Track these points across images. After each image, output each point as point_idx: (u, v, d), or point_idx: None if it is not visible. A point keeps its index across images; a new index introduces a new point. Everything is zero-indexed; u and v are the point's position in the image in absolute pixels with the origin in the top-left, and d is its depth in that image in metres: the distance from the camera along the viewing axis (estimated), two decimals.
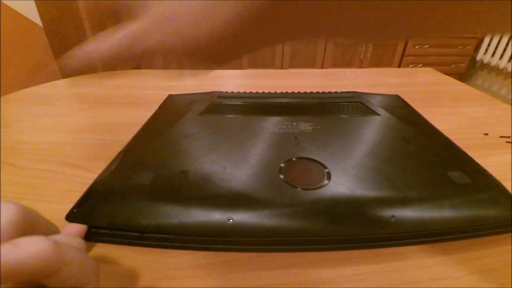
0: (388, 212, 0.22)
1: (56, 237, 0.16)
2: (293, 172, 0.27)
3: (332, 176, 0.26)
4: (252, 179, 0.26)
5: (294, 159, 0.28)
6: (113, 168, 0.28)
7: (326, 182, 0.25)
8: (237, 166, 0.27)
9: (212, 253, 0.22)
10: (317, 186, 0.25)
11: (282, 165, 0.27)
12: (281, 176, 0.26)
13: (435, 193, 0.24)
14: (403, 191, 0.24)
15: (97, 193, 0.25)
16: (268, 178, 0.26)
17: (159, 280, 0.20)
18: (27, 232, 0.14)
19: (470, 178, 0.26)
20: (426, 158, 0.30)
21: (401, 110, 0.42)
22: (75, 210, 0.23)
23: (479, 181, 0.26)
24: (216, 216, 0.22)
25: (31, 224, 0.14)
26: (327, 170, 0.27)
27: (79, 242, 0.17)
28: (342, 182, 0.25)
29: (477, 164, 0.29)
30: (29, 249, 0.11)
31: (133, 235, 0.22)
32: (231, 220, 0.21)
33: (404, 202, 0.23)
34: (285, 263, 0.21)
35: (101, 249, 0.22)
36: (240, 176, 0.26)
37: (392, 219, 0.22)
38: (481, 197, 0.24)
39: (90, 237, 0.22)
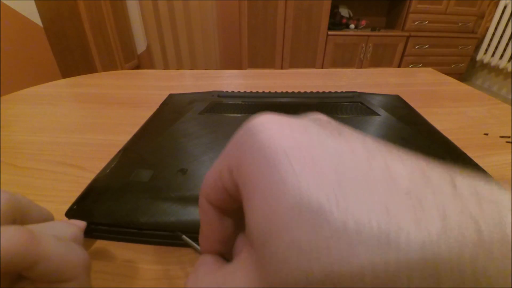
0: None
1: (47, 225, 0.15)
2: None
3: None
4: None
5: None
6: (112, 165, 0.28)
7: None
8: None
9: None
10: None
11: None
12: None
13: None
14: None
15: (96, 190, 0.25)
16: None
17: (159, 280, 0.20)
18: (17, 221, 0.13)
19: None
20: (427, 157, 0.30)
21: (401, 110, 0.42)
22: (74, 206, 0.23)
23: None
24: None
25: (21, 212, 0.14)
26: None
27: (71, 233, 0.16)
28: None
29: (476, 165, 0.29)
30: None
31: (133, 232, 0.22)
32: None
33: None
34: None
35: (101, 248, 0.22)
36: None
37: None
38: None
39: (90, 233, 0.22)
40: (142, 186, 0.25)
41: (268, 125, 0.10)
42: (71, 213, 0.22)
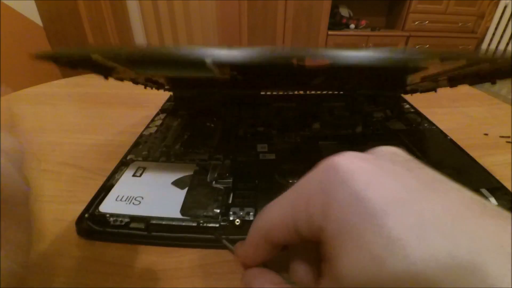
0: None
1: None
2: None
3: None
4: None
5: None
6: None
7: None
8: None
9: (212, 253, 0.22)
10: None
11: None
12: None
13: None
14: None
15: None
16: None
17: (159, 280, 0.20)
18: None
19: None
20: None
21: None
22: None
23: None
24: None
25: None
26: None
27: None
28: None
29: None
30: None
31: (138, 234, 0.22)
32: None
33: None
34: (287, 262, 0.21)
35: (101, 249, 0.22)
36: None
37: None
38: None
39: (91, 235, 0.22)
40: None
41: (359, 170, 0.10)
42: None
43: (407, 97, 0.47)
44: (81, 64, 0.24)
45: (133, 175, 0.27)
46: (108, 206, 0.23)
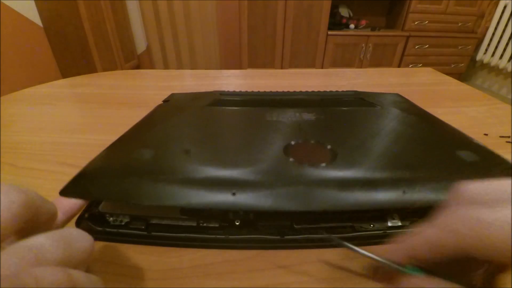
0: (399, 188, 0.21)
1: (65, 240, 0.13)
2: (298, 151, 0.27)
3: (338, 156, 0.26)
4: (257, 159, 0.25)
5: (300, 141, 0.28)
6: (113, 147, 0.27)
7: (332, 161, 0.25)
8: (242, 148, 0.27)
9: (212, 253, 0.22)
10: (323, 164, 0.24)
11: (287, 144, 0.27)
12: (286, 155, 0.26)
13: (445, 169, 0.24)
14: (413, 168, 0.24)
15: (95, 168, 0.24)
16: (273, 157, 0.26)
17: (159, 280, 0.20)
18: (29, 221, 0.13)
19: (477, 156, 0.26)
20: (432, 140, 0.30)
21: (402, 104, 0.42)
22: (70, 184, 0.22)
23: (487, 158, 0.26)
24: (220, 193, 0.21)
25: (34, 212, 0.13)
26: (330, 147, 0.27)
27: (89, 246, 0.15)
28: (348, 161, 0.25)
29: (482, 145, 0.29)
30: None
31: (138, 234, 0.22)
32: (235, 194, 0.21)
33: (414, 178, 0.22)
34: (287, 262, 0.21)
35: (101, 249, 0.22)
36: (245, 157, 0.26)
37: (404, 193, 0.21)
38: (491, 172, 0.24)
39: (91, 235, 0.22)
40: (143, 165, 0.24)
41: None
42: (66, 191, 0.21)
43: (406, 96, 0.47)
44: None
45: None
46: (108, 205, 0.23)
